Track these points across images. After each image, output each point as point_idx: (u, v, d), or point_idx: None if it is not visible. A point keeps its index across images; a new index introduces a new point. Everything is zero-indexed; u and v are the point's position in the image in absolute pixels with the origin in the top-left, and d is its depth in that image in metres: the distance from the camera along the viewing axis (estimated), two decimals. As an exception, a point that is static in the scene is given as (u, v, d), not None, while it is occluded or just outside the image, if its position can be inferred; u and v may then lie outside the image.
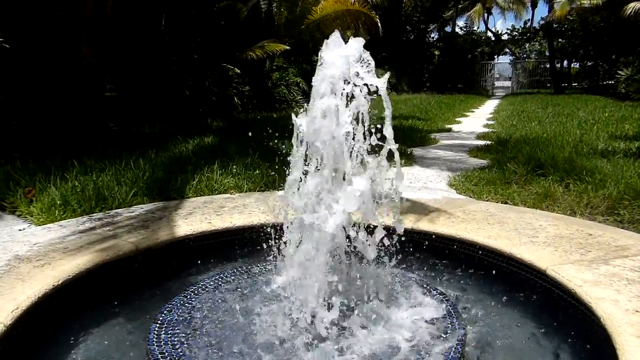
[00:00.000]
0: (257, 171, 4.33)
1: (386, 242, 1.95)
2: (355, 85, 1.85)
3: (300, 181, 1.93)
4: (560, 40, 26.83)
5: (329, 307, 1.81)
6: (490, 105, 17.98)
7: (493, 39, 32.68)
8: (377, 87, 1.84)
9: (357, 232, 1.91)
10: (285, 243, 2.05)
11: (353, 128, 1.86)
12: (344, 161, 1.85)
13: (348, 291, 2.00)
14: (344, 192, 1.81)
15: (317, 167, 1.90)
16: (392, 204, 1.94)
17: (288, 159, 1.96)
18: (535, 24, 33.04)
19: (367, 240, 1.92)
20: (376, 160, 1.91)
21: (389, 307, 1.99)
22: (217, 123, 8.62)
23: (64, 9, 6.80)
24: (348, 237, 1.90)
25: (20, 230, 2.94)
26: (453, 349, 1.76)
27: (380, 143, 1.88)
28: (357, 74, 1.85)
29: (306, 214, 1.86)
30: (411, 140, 6.94)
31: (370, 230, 1.93)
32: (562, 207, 3.44)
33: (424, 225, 2.80)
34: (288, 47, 11.72)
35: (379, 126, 1.84)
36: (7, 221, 3.25)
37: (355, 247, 1.96)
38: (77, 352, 1.92)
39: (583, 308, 1.90)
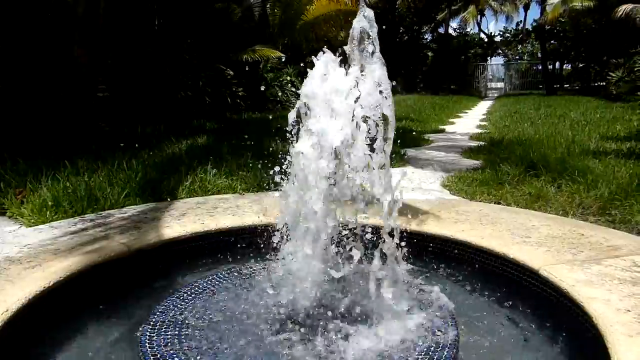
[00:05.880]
0: (251, 172, 4.32)
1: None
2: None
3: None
4: (552, 42, 27.04)
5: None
6: (484, 106, 18.07)
7: (486, 40, 32.87)
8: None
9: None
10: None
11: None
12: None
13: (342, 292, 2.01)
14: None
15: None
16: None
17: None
18: (528, 26, 33.30)
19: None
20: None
21: (383, 304, 1.98)
22: (210, 124, 8.60)
23: (56, 9, 6.75)
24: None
25: (10, 231, 2.91)
26: (446, 349, 1.76)
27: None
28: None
29: None
30: (405, 141, 6.96)
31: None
32: (555, 207, 3.46)
33: (417, 225, 2.80)
34: (282, 55, 11.72)
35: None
36: (-2, 222, 3.21)
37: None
38: (68, 354, 1.90)
39: (575, 307, 1.90)
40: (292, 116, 1.91)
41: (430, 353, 1.74)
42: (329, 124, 1.83)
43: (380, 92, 1.88)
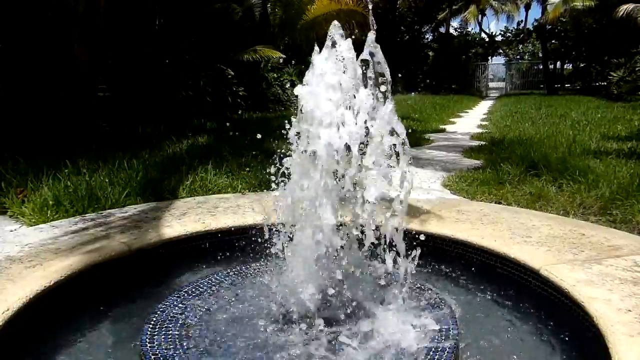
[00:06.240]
0: (252, 171, 4.32)
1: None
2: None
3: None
4: (553, 41, 27.03)
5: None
6: (484, 106, 18.07)
7: (487, 40, 32.84)
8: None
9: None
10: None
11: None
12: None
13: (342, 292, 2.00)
14: None
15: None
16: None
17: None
18: (529, 26, 33.28)
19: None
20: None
21: (382, 303, 1.98)
22: (211, 124, 8.61)
23: (57, 8, 6.76)
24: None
25: (11, 230, 2.92)
26: (447, 349, 1.76)
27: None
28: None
29: None
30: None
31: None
32: (556, 207, 3.46)
33: (418, 225, 2.80)
34: (283, 56, 11.73)
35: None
36: (-2, 222, 3.21)
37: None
38: (68, 354, 1.90)
39: (576, 307, 1.90)
40: (292, 134, 1.88)
41: (430, 353, 1.73)
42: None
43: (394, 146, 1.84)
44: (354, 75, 1.83)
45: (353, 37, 1.89)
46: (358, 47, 1.87)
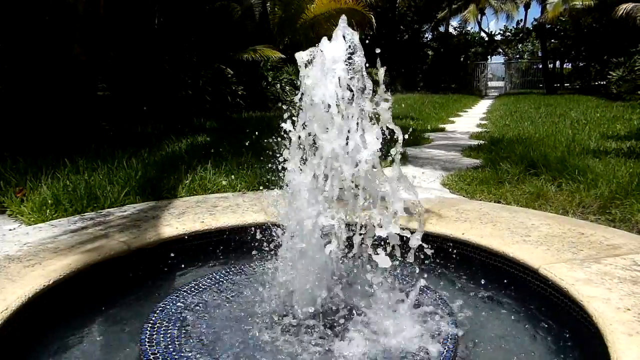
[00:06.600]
0: (251, 170, 4.32)
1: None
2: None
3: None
4: (552, 41, 27.04)
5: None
6: (484, 105, 18.06)
7: (486, 39, 32.85)
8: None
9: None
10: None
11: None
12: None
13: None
14: None
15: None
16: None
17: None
18: (529, 25, 33.28)
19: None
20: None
21: (383, 302, 1.98)
22: (211, 123, 8.60)
23: (56, 7, 6.75)
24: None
25: (10, 229, 2.91)
26: (446, 348, 1.76)
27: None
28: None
29: None
30: (405, 140, 6.95)
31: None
32: (555, 206, 3.46)
33: (417, 224, 2.79)
34: (283, 56, 11.72)
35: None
36: (-2, 221, 3.21)
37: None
38: (68, 353, 1.90)
39: (575, 306, 1.91)
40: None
41: (430, 353, 1.73)
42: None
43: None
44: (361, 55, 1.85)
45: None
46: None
